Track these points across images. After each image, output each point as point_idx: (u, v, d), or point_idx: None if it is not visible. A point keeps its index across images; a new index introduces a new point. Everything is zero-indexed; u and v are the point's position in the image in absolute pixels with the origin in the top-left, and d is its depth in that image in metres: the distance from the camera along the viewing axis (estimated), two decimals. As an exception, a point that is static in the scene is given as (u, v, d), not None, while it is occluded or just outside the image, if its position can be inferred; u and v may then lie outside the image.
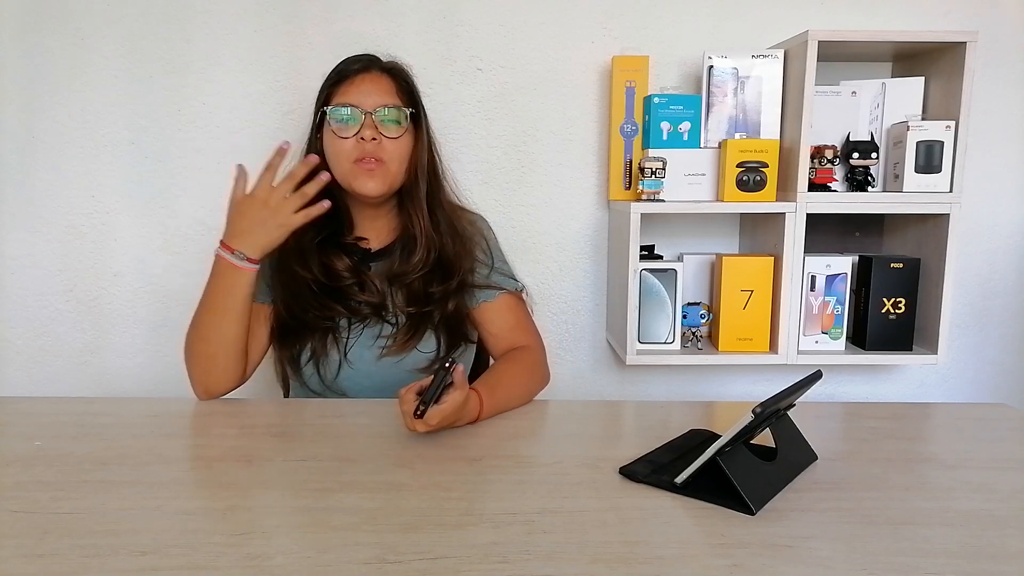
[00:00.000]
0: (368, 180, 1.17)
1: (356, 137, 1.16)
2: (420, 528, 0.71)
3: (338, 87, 1.19)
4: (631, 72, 1.53)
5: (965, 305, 1.72)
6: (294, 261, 1.19)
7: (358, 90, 1.18)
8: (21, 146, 1.61)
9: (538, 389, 1.22)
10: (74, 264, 1.65)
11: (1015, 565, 0.65)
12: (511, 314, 1.28)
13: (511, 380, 1.16)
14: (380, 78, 1.20)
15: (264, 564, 0.64)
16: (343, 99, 1.18)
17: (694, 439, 0.93)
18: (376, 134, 1.16)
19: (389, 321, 1.21)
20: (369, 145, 1.16)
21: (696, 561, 0.65)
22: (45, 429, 0.98)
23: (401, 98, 1.20)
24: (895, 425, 1.04)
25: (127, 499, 0.76)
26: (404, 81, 1.23)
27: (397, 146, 1.18)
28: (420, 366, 1.20)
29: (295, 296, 1.19)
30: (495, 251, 1.31)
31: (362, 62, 1.21)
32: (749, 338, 1.51)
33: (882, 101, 1.52)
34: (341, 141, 1.17)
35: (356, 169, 1.17)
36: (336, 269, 1.20)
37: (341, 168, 1.18)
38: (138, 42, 1.58)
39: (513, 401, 1.13)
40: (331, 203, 1.16)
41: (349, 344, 1.19)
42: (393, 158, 1.18)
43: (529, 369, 1.22)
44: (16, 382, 1.69)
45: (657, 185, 1.44)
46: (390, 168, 1.18)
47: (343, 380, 1.19)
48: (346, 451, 0.91)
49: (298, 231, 1.16)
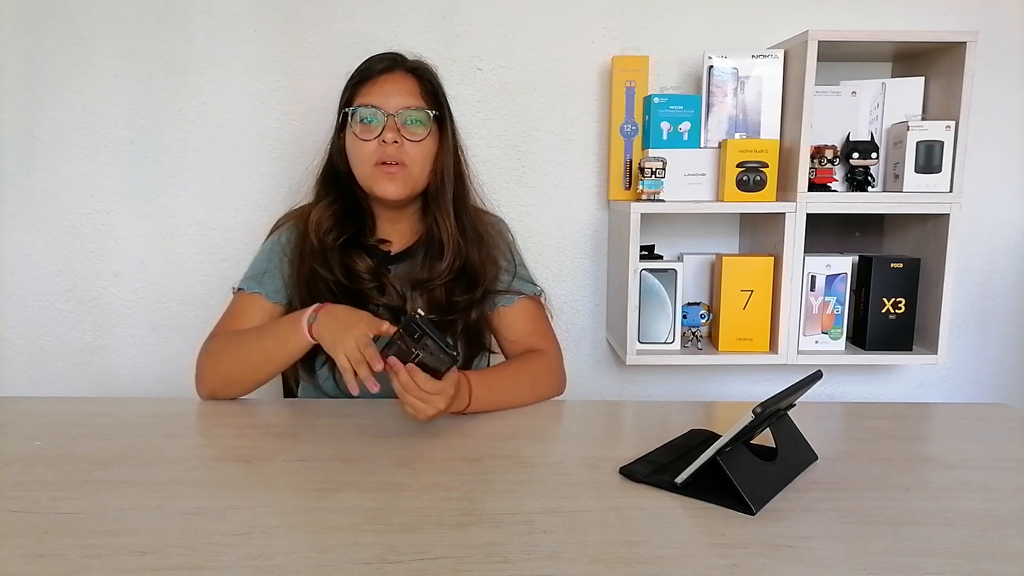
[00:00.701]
0: (388, 184, 1.15)
1: (378, 140, 1.14)
2: (420, 528, 0.71)
3: (361, 87, 1.17)
4: (631, 72, 1.53)
5: (965, 305, 1.72)
6: (315, 260, 1.17)
7: (381, 91, 1.16)
8: (21, 146, 1.61)
9: (548, 394, 1.19)
10: (74, 264, 1.65)
11: (1015, 565, 0.65)
12: (529, 319, 1.26)
13: (511, 377, 1.15)
14: (404, 78, 1.18)
15: (264, 564, 0.64)
16: (365, 99, 1.16)
17: (694, 439, 0.93)
18: (398, 136, 1.14)
19: None
20: (391, 148, 1.14)
21: (696, 561, 0.65)
22: (45, 429, 0.98)
23: (425, 99, 1.18)
24: (895, 425, 1.04)
25: (127, 499, 0.76)
26: (429, 82, 1.20)
27: (420, 149, 1.16)
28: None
29: (313, 296, 1.16)
30: (516, 256, 1.30)
31: (386, 61, 1.19)
32: (749, 338, 1.51)
33: (882, 101, 1.52)
34: (362, 143, 1.15)
35: (377, 172, 1.15)
36: (357, 270, 1.18)
37: (362, 170, 1.17)
38: (138, 42, 1.58)
39: (509, 398, 1.11)
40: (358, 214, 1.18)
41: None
42: (415, 161, 1.16)
43: (537, 372, 1.19)
44: (16, 382, 1.69)
45: (657, 185, 1.44)
46: (412, 171, 1.16)
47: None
48: (346, 451, 0.91)
49: (320, 232, 1.16)
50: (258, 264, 1.24)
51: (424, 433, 0.97)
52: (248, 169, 1.63)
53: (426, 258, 1.21)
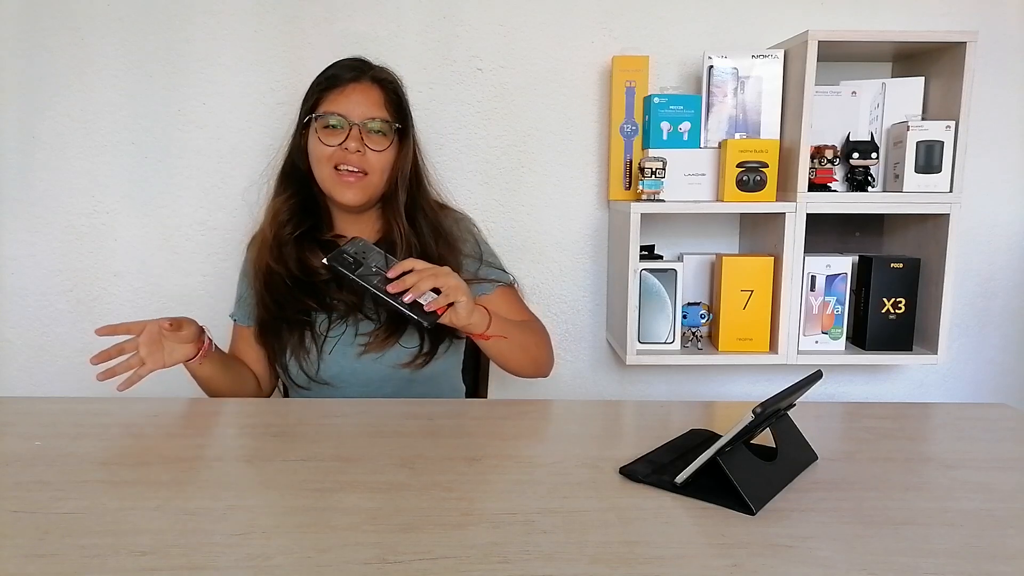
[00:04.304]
0: (347, 191, 1.18)
1: (341, 147, 1.17)
2: (420, 528, 0.71)
3: (328, 94, 1.20)
4: (631, 72, 1.53)
5: (965, 305, 1.72)
6: (270, 254, 1.20)
7: (348, 100, 1.18)
8: (21, 146, 1.61)
9: (546, 357, 1.26)
10: (74, 264, 1.65)
11: (1015, 565, 0.65)
12: (509, 306, 1.28)
13: (519, 326, 1.21)
14: (370, 89, 1.20)
15: (264, 564, 0.64)
16: (332, 107, 1.18)
17: (694, 439, 0.93)
18: (361, 146, 1.17)
19: (370, 317, 1.21)
20: (353, 156, 1.16)
21: (696, 561, 0.65)
22: (45, 429, 0.98)
23: (389, 110, 1.21)
24: (895, 425, 1.04)
25: (127, 499, 0.76)
26: (394, 92, 1.23)
27: (380, 158, 1.19)
28: (402, 361, 1.19)
29: (269, 289, 1.20)
30: (483, 246, 1.31)
31: (354, 71, 1.21)
32: (749, 338, 1.51)
33: (882, 101, 1.52)
34: (325, 148, 1.17)
35: (336, 177, 1.18)
36: (312, 265, 1.21)
37: (322, 172, 1.19)
38: (138, 42, 1.58)
39: (520, 337, 1.19)
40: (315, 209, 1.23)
41: (329, 340, 1.19)
42: (375, 169, 1.19)
43: (540, 333, 1.27)
44: (16, 382, 1.69)
45: (657, 185, 1.44)
46: (372, 179, 1.19)
47: (325, 374, 1.19)
48: (346, 451, 0.91)
49: (276, 225, 1.20)
50: (238, 288, 1.30)
51: (424, 433, 0.97)
52: (248, 169, 1.62)
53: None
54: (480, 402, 1.31)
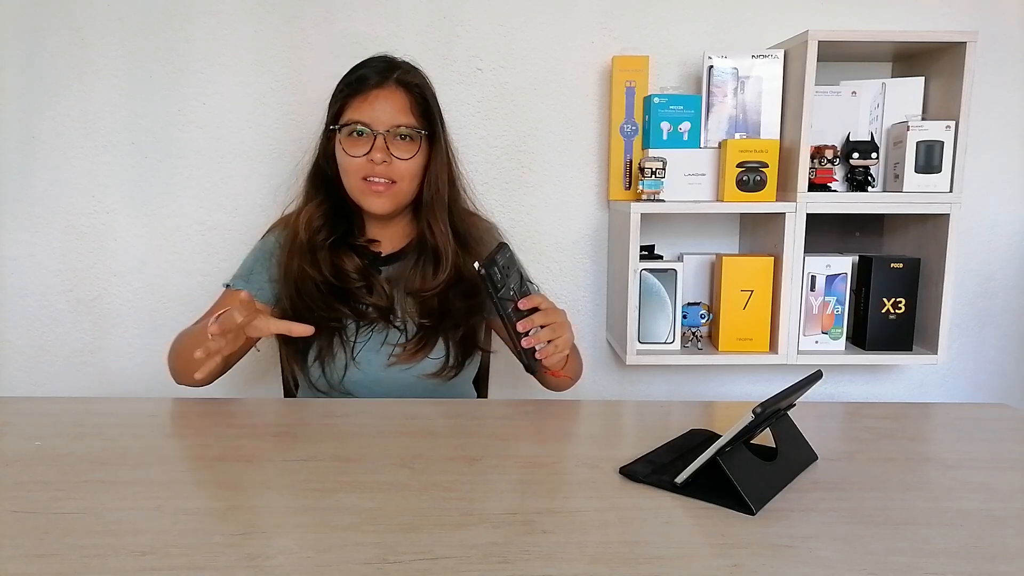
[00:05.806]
0: (376, 200, 1.16)
1: (367, 157, 1.14)
2: (420, 528, 0.71)
3: (352, 100, 1.16)
4: (631, 72, 1.53)
5: (965, 305, 1.72)
6: (304, 259, 1.18)
7: (372, 107, 1.15)
8: (21, 146, 1.61)
9: (581, 367, 1.28)
10: (74, 264, 1.65)
11: (1015, 565, 0.65)
12: None
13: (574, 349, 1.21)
14: (395, 94, 1.16)
15: (264, 564, 0.64)
16: (356, 115, 1.15)
17: (694, 439, 0.93)
18: (387, 156, 1.14)
19: (397, 327, 1.19)
20: (380, 167, 1.14)
21: (696, 561, 0.65)
22: (45, 429, 0.98)
23: (416, 115, 1.17)
24: (895, 425, 1.04)
25: (127, 499, 0.76)
26: (421, 96, 1.19)
27: (408, 166, 1.16)
28: (428, 371, 1.18)
29: (301, 294, 1.17)
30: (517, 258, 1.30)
31: (379, 75, 1.17)
32: (749, 338, 1.51)
33: (882, 101, 1.52)
34: (351, 158, 1.15)
35: (365, 187, 1.16)
36: (345, 269, 1.19)
37: (350, 182, 1.18)
38: (138, 42, 1.58)
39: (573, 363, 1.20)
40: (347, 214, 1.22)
41: (357, 347, 1.18)
42: (404, 177, 1.17)
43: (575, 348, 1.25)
44: (16, 382, 1.69)
45: (657, 185, 1.44)
46: (401, 187, 1.17)
47: (349, 382, 1.18)
48: (346, 451, 0.91)
49: (310, 231, 1.18)
50: (247, 263, 1.26)
51: (424, 433, 0.97)
52: (248, 169, 1.63)
53: (418, 262, 1.22)
54: (480, 402, 1.31)
